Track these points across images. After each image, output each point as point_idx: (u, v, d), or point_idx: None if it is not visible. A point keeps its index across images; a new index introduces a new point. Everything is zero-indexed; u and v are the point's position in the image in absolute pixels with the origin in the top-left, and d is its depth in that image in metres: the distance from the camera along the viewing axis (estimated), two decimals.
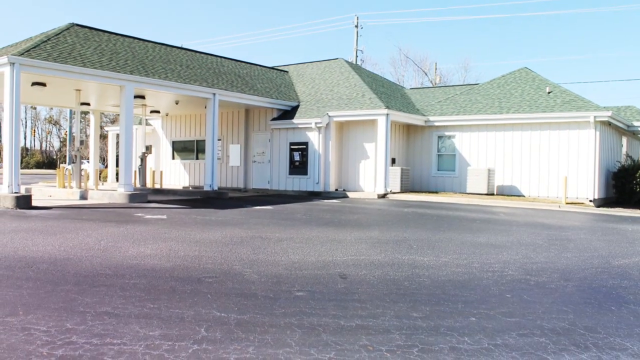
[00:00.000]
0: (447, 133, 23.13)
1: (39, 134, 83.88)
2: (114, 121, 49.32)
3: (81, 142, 21.59)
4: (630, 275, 7.18)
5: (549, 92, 22.03)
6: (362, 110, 21.41)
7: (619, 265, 7.94)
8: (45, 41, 16.33)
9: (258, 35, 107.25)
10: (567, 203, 18.76)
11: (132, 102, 17.61)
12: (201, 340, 4.18)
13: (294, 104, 23.97)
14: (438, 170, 23.36)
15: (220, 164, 25.14)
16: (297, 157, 22.66)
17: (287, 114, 23.47)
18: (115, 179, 27.80)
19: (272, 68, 28.43)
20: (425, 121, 23.25)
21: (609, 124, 20.56)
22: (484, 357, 3.97)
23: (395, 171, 21.74)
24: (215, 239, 9.38)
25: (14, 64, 14.27)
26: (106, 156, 41.71)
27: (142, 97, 20.45)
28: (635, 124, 23.52)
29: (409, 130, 24.12)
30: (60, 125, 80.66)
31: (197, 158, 26.41)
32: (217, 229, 10.62)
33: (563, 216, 15.53)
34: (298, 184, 22.66)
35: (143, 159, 23.64)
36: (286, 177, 23.09)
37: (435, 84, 52.84)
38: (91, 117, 26.55)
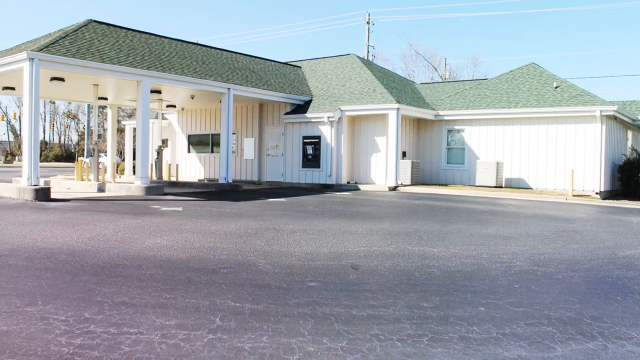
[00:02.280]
0: (456, 127, 23.12)
1: (57, 128, 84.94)
2: (131, 115, 49.72)
3: (99, 136, 21.85)
4: (636, 266, 7.21)
5: (556, 87, 21.96)
6: (374, 105, 21.45)
7: (624, 256, 7.97)
8: (64, 37, 16.54)
9: (271, 32, 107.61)
10: (573, 195, 18.72)
11: (149, 97, 17.81)
12: (216, 330, 4.26)
13: (307, 98, 24.04)
14: (448, 163, 23.37)
15: (235, 157, 25.32)
16: (310, 150, 22.77)
17: (300, 108, 23.56)
18: (132, 172, 28.12)
19: (286, 63, 28.47)
20: (435, 115, 23.24)
21: (615, 118, 20.51)
22: (492, 346, 4.03)
23: (406, 164, 21.80)
24: (230, 230, 9.50)
25: (33, 59, 14.51)
26: (123, 149, 42.11)
27: (159, 91, 20.65)
28: None
29: (419, 124, 24.12)
30: (79, 120, 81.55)
31: (212, 151, 26.61)
32: (231, 221, 10.74)
33: (570, 208, 15.50)
34: (311, 176, 22.79)
35: (159, 153, 23.91)
36: (299, 170, 23.22)
37: (445, 79, 52.59)
38: (109, 111, 26.86)
